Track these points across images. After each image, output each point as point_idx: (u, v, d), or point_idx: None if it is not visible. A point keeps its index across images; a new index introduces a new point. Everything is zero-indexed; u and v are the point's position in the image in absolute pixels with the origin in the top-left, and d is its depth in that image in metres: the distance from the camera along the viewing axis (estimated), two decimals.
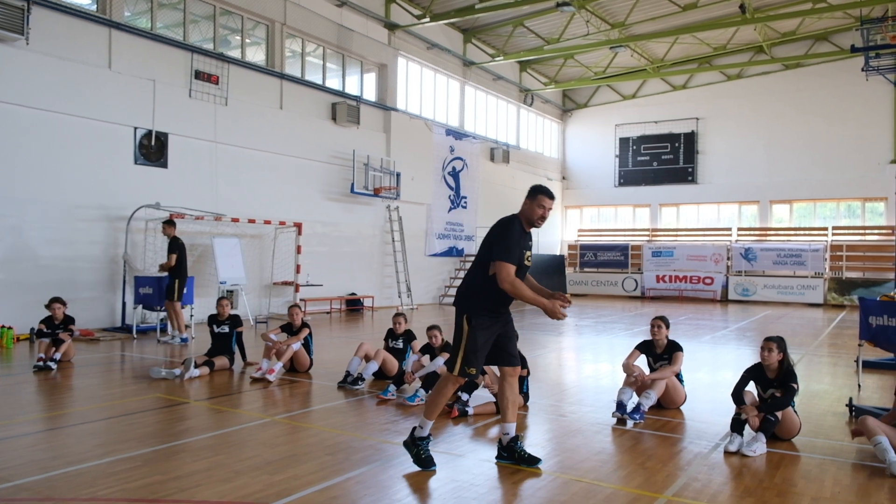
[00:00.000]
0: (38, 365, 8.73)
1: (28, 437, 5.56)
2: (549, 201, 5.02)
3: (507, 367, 5.12)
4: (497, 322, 5.00)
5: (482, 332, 4.89)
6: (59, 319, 9.46)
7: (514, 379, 5.14)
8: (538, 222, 5.02)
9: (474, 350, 4.87)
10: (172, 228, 12.31)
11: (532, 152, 28.77)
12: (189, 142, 15.02)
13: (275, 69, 17.09)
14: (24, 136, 12.29)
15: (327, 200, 18.50)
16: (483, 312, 4.91)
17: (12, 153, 12.14)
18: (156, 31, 14.70)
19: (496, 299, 4.93)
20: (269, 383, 8.01)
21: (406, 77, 21.74)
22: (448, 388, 4.98)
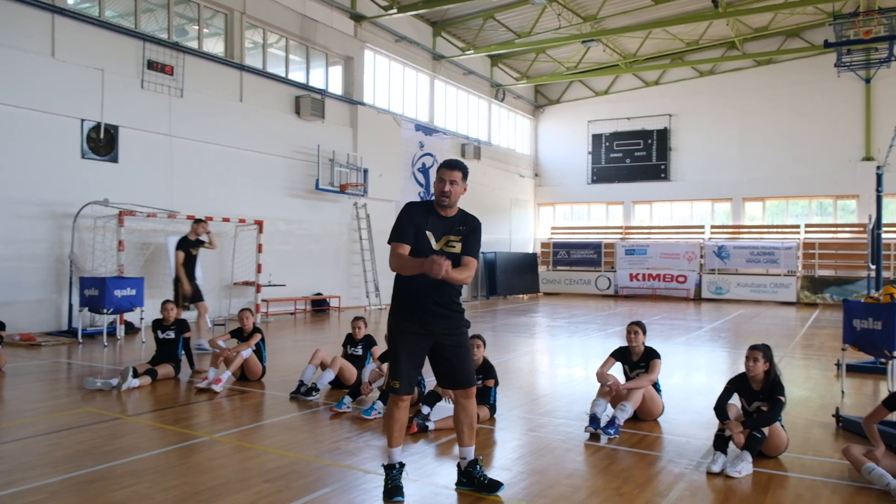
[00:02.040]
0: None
1: None
2: (446, 171, 4.34)
3: (458, 391, 4.48)
4: (423, 330, 4.31)
5: (401, 339, 4.32)
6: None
7: (467, 401, 4.47)
8: (442, 199, 4.32)
9: (395, 359, 4.33)
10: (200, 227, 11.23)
11: (504, 148, 28.29)
12: (141, 135, 14.24)
13: (234, 60, 16.34)
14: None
15: (291, 197, 17.80)
16: (399, 315, 4.38)
17: None
18: (104, 19, 13.88)
19: (409, 297, 4.33)
20: (216, 394, 7.37)
21: (374, 70, 21.10)
22: (392, 406, 4.37)
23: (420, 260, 4.11)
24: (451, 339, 4.37)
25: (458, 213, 4.45)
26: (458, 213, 4.45)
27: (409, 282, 4.29)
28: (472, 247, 4.41)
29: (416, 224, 4.31)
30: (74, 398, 7.14)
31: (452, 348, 4.38)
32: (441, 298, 4.31)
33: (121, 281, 11.70)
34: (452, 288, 4.36)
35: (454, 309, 4.41)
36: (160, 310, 8.45)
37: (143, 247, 14.04)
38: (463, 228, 4.40)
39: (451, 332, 4.37)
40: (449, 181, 4.32)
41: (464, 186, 4.40)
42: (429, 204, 4.42)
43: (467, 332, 4.52)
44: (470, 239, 4.41)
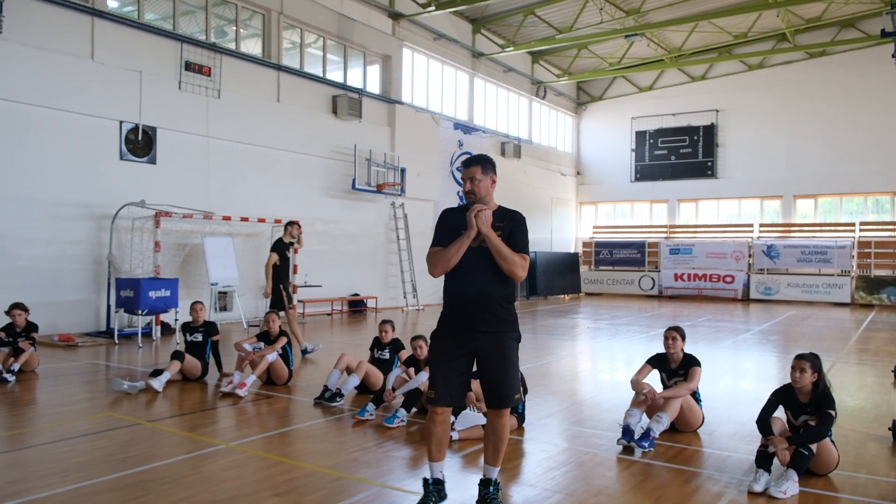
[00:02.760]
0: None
1: None
2: (465, 170, 4.09)
3: (490, 409, 4.09)
4: (461, 338, 3.97)
5: (439, 345, 4.05)
6: (21, 327, 8.74)
7: (498, 420, 4.05)
8: (469, 198, 4.06)
9: (433, 367, 4.06)
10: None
11: (545, 147, 27.83)
12: (179, 136, 14.32)
13: (271, 60, 16.34)
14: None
15: (327, 197, 17.73)
16: (442, 320, 4.12)
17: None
18: (143, 21, 13.99)
19: (455, 298, 4.03)
20: (240, 399, 7.24)
21: (412, 69, 20.92)
22: (427, 418, 4.07)
23: (458, 239, 3.90)
24: (493, 350, 3.97)
25: (496, 209, 4.07)
26: (497, 209, 4.09)
27: (457, 282, 4.00)
28: (518, 241, 4.00)
29: (449, 226, 4.04)
30: (99, 402, 7.10)
31: (493, 361, 3.97)
32: (490, 301, 3.95)
33: (155, 282, 11.74)
34: (504, 289, 4.02)
35: (504, 316, 4.01)
36: (189, 311, 8.38)
37: (179, 247, 14.13)
38: (503, 224, 4.00)
39: (495, 342, 3.97)
40: (469, 179, 4.05)
41: (491, 178, 4.11)
42: (464, 207, 4.11)
43: (517, 345, 4.09)
44: (515, 233, 4.01)
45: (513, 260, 3.92)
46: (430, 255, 4.04)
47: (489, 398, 4.05)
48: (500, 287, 4.01)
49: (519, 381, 4.15)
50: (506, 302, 4.05)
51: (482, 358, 4.01)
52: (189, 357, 7.98)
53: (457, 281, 4.00)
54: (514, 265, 3.93)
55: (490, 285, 3.97)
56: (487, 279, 3.95)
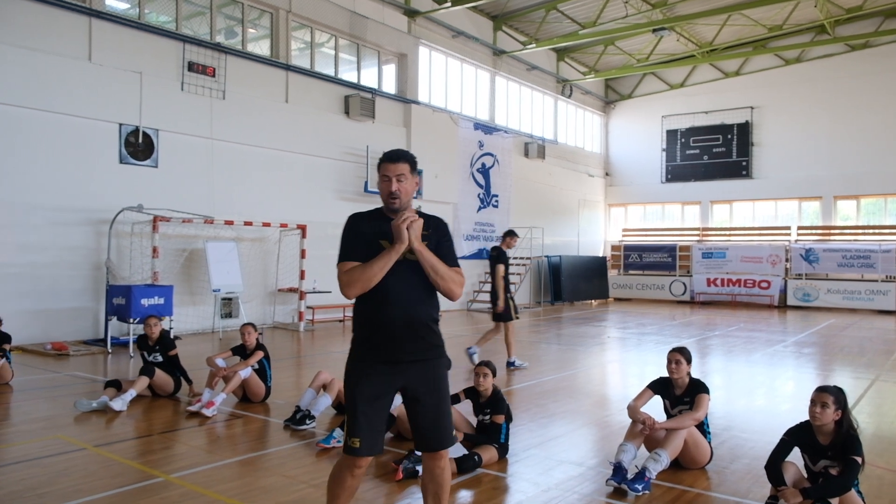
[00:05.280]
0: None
1: None
2: (390, 166, 3.35)
3: (425, 452, 3.43)
4: (386, 373, 3.30)
5: (358, 383, 3.29)
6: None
7: (435, 464, 3.42)
8: (391, 201, 3.34)
9: (353, 412, 3.29)
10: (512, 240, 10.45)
11: (571, 147, 26.95)
12: (182, 138, 13.90)
13: (279, 60, 15.86)
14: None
15: (339, 200, 17.17)
16: (357, 354, 3.35)
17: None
18: (144, 21, 13.61)
19: (374, 325, 3.29)
20: (207, 419, 6.67)
21: (429, 68, 20.29)
22: (343, 469, 3.34)
23: (384, 253, 3.21)
24: (426, 383, 3.35)
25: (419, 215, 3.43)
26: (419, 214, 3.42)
27: (379, 304, 3.28)
28: (449, 253, 3.41)
29: (363, 236, 3.32)
30: (56, 421, 6.58)
31: (428, 396, 3.35)
32: (419, 325, 3.31)
33: (148, 289, 11.29)
34: (432, 309, 3.39)
35: (434, 341, 3.39)
36: (143, 326, 7.75)
37: (179, 253, 13.70)
38: (429, 233, 3.38)
39: (427, 373, 3.35)
40: (395, 177, 3.34)
41: (414, 181, 3.41)
42: (377, 211, 3.47)
43: (446, 375, 3.48)
44: (443, 244, 3.41)
45: (450, 277, 3.29)
46: (346, 273, 3.25)
47: (425, 441, 3.38)
48: (429, 307, 3.36)
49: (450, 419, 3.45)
50: (434, 323, 3.40)
51: (413, 394, 3.35)
52: (159, 372, 7.44)
53: (379, 303, 3.28)
54: (453, 283, 3.30)
55: (419, 306, 3.30)
56: (416, 299, 3.31)
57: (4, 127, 11.47)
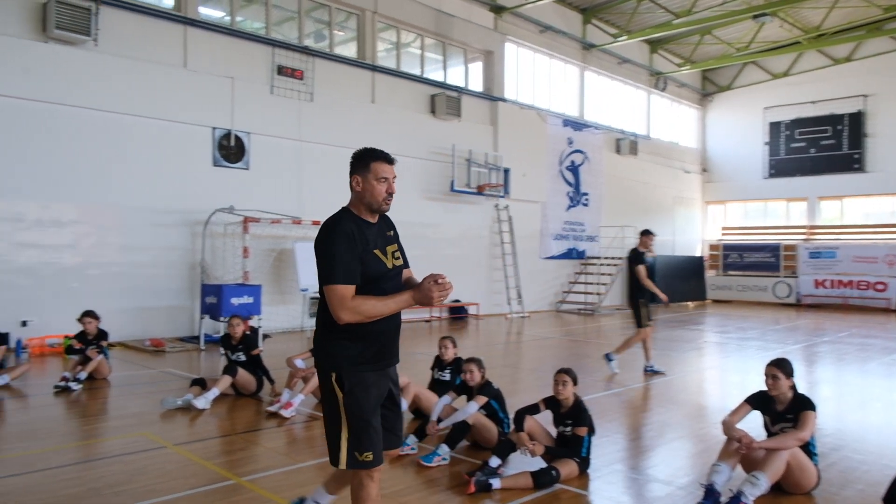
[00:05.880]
0: (59, 385, 7.96)
1: None
2: (390, 168, 3.28)
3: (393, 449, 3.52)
4: (382, 380, 3.29)
5: (365, 397, 3.19)
6: (92, 335, 8.69)
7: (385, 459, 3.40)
8: (385, 203, 3.28)
9: (363, 423, 3.16)
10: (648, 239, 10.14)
11: (665, 142, 25.90)
12: (271, 141, 14.20)
13: (366, 61, 15.96)
14: (95, 139, 11.89)
15: (425, 200, 17.13)
16: (355, 367, 3.20)
17: (84, 157, 11.77)
18: (235, 28, 13.99)
19: (367, 337, 3.21)
20: (285, 420, 6.66)
21: (516, 64, 19.95)
22: (366, 484, 3.24)
23: (403, 296, 3.16)
24: (396, 385, 3.47)
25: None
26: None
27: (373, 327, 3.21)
28: (404, 254, 3.49)
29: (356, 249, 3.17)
30: (143, 417, 6.74)
31: (397, 396, 3.47)
32: (399, 328, 3.41)
33: (238, 289, 11.56)
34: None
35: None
36: (227, 326, 7.85)
37: (269, 253, 14.00)
38: (392, 233, 3.43)
39: (396, 374, 3.47)
40: (393, 178, 3.32)
41: None
42: (351, 215, 3.29)
43: None
44: (400, 244, 3.47)
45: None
46: (352, 302, 3.08)
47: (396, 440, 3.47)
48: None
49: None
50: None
51: (391, 396, 3.40)
52: (242, 371, 7.52)
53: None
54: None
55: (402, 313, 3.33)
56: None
57: (111, 134, 12.02)
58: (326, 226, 3.22)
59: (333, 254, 3.12)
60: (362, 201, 3.28)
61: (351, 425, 3.16)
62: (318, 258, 3.19)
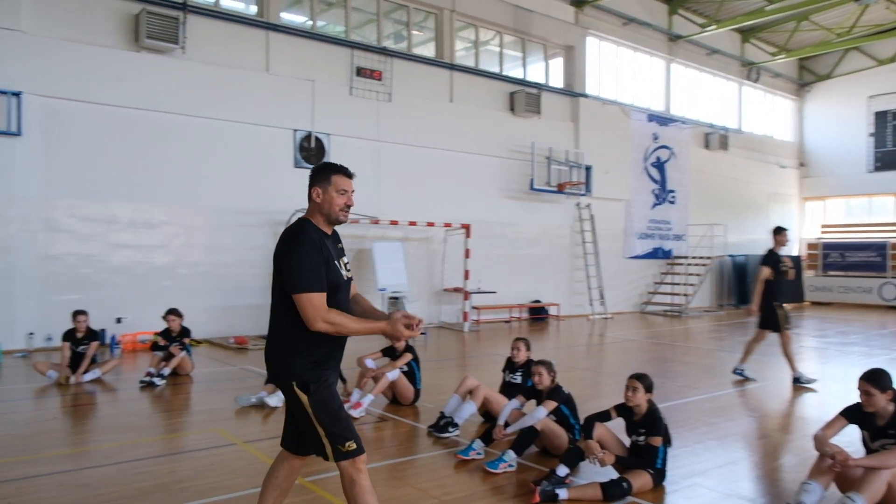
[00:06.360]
0: (143, 380, 8.27)
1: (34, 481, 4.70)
2: (347, 180, 3.41)
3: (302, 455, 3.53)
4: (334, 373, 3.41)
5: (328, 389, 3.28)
6: (176, 332, 8.99)
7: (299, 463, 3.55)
8: (342, 215, 3.40)
9: (334, 416, 3.25)
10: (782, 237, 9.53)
11: (758, 136, 24.64)
12: (350, 141, 14.35)
13: (443, 60, 15.92)
14: (183, 143, 12.35)
15: (504, 199, 16.92)
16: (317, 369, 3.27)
17: (173, 161, 12.24)
18: (316, 31, 14.23)
19: (322, 344, 3.28)
20: (355, 420, 6.63)
21: (598, 58, 19.43)
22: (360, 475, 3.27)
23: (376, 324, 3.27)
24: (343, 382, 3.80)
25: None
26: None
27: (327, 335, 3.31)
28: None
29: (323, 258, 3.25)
30: (218, 414, 6.88)
31: None
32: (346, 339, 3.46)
33: None
34: None
35: None
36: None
37: (347, 253, 14.13)
38: (341, 246, 3.56)
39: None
40: (351, 192, 3.44)
41: None
42: (313, 226, 3.36)
43: None
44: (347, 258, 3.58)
45: None
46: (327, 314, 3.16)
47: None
48: None
49: None
50: None
51: None
52: None
53: None
54: None
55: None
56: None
57: (198, 138, 12.46)
58: (291, 234, 3.28)
59: (303, 261, 3.17)
60: (321, 212, 3.37)
61: (324, 422, 3.21)
62: (285, 266, 3.20)
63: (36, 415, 7.10)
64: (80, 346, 8.58)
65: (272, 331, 3.36)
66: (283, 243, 3.25)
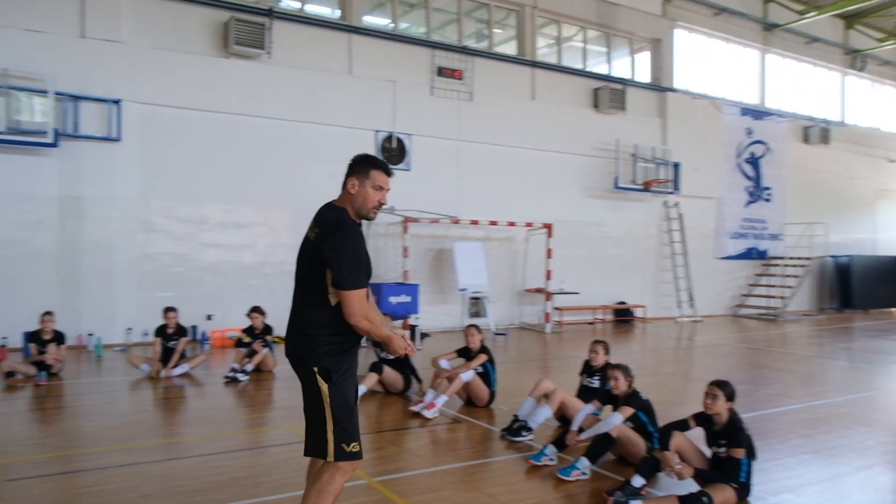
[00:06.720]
0: (227, 376, 8.54)
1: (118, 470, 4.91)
2: (386, 178, 3.34)
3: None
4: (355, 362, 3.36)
5: (347, 383, 3.23)
6: (259, 329, 9.24)
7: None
8: (373, 212, 3.34)
9: (348, 414, 3.17)
10: None
11: (863, 128, 23.08)
12: (431, 141, 14.40)
13: (525, 57, 15.72)
14: (269, 146, 12.70)
15: (587, 198, 16.55)
16: (338, 356, 3.22)
17: (260, 163, 12.61)
18: (397, 32, 14.35)
19: (349, 332, 3.24)
20: (427, 420, 6.60)
21: (687, 51, 18.70)
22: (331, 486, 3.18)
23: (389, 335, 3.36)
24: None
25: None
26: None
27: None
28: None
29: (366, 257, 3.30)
30: (294, 410, 6.96)
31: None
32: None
33: (396, 287, 11.81)
34: None
35: None
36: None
37: (427, 253, 14.20)
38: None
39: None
40: (387, 190, 3.40)
41: None
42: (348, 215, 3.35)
43: None
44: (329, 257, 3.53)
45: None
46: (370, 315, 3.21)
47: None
48: None
49: None
50: None
51: None
52: (388, 369, 7.58)
53: None
54: None
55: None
56: None
57: (283, 140, 12.80)
58: (338, 227, 3.20)
59: (352, 256, 3.14)
60: (353, 205, 3.30)
61: (336, 417, 3.14)
62: (333, 260, 3.13)
63: (128, 406, 7.44)
64: (170, 342, 8.95)
65: (298, 315, 3.29)
66: (331, 236, 3.18)
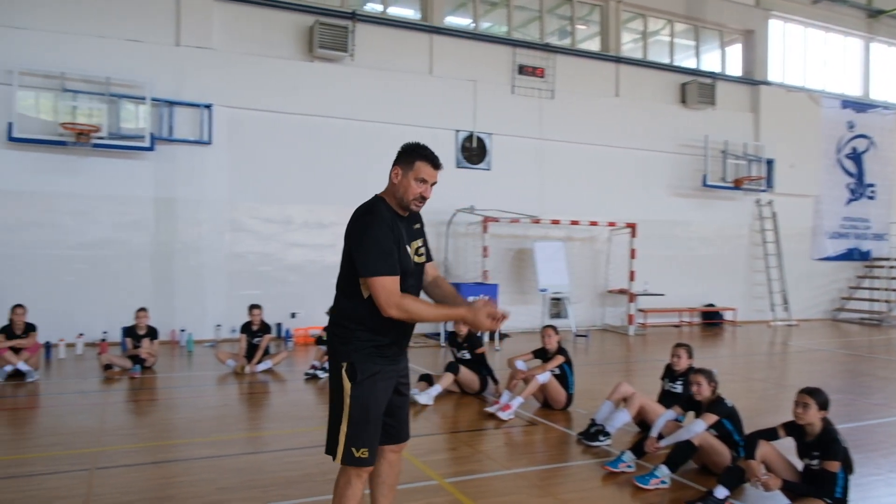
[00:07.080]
0: (308, 373, 8.72)
1: (186, 464, 5.10)
2: (432, 170, 3.25)
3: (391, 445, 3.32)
4: (393, 372, 3.18)
5: (373, 388, 3.08)
6: None
7: (398, 456, 3.39)
8: (415, 204, 3.21)
9: (363, 419, 3.07)
10: None
11: None
12: (512, 140, 14.30)
13: (609, 53, 15.37)
14: (351, 147, 12.89)
15: (674, 196, 16.02)
16: (369, 354, 3.09)
17: (342, 164, 12.82)
18: (478, 32, 14.32)
19: (388, 329, 3.10)
20: (503, 422, 6.52)
21: (782, 42, 17.81)
22: (355, 482, 3.13)
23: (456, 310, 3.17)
24: (406, 376, 3.36)
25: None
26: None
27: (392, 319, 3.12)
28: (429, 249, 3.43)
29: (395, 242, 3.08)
30: None
31: (405, 388, 3.37)
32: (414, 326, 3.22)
33: (475, 287, 11.79)
34: None
35: None
36: (453, 324, 7.95)
37: (507, 252, 14.09)
38: (419, 226, 3.38)
39: (406, 365, 3.37)
40: (432, 183, 3.30)
41: None
42: (386, 206, 3.20)
43: None
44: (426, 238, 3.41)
45: None
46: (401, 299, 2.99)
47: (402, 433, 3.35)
48: None
49: None
50: None
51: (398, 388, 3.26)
52: (464, 369, 7.55)
53: None
54: None
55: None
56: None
57: (365, 141, 12.94)
58: (363, 211, 3.14)
59: (376, 242, 3.01)
60: (395, 195, 3.21)
61: (352, 419, 3.06)
62: (356, 247, 3.05)
63: (214, 400, 7.72)
64: (255, 338, 9.23)
65: (338, 306, 3.23)
66: (354, 223, 3.12)
